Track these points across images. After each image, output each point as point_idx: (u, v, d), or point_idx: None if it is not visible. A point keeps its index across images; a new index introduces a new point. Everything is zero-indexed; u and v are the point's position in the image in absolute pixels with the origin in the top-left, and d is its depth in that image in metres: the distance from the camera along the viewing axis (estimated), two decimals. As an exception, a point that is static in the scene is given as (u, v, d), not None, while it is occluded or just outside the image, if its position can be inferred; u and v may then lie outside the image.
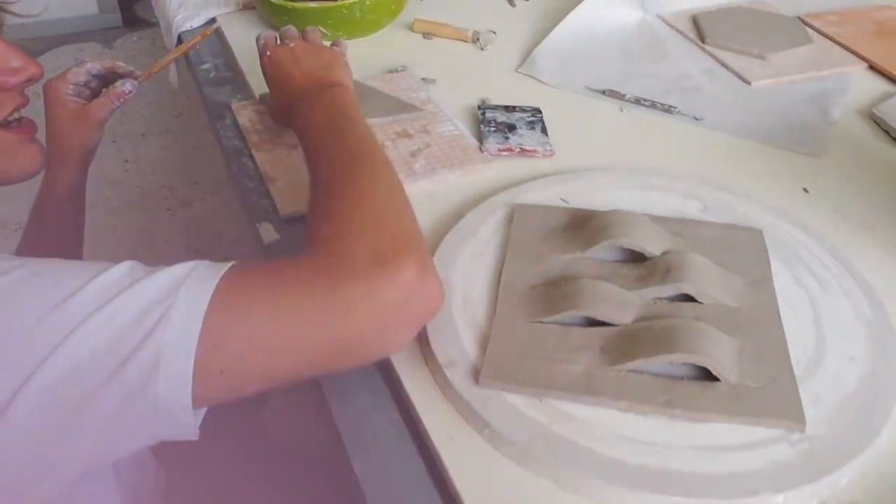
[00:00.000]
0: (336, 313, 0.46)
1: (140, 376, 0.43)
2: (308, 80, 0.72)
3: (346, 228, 0.51)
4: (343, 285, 0.47)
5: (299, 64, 0.74)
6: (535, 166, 0.80)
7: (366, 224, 0.51)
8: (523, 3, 1.16)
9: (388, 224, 0.52)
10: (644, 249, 0.62)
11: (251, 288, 0.47)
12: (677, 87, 0.96)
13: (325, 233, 0.52)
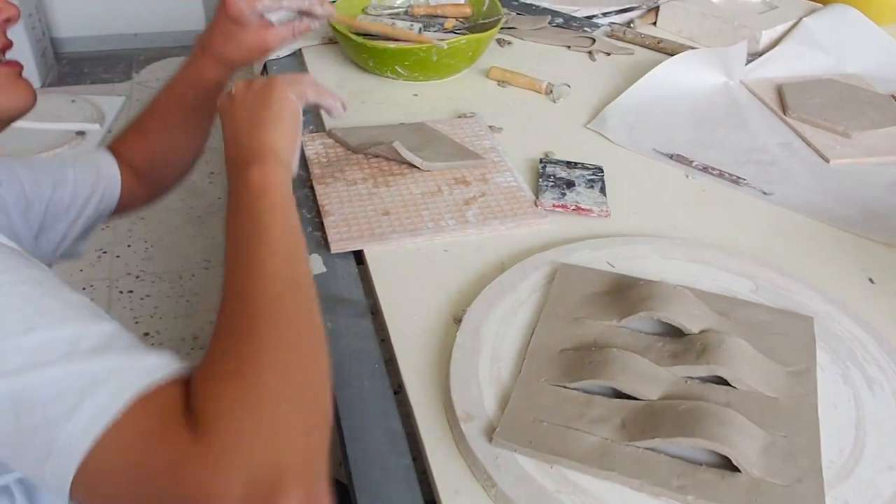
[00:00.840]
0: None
1: (37, 458, 0.42)
2: (235, 144, 0.60)
3: (235, 413, 0.41)
4: (209, 495, 0.39)
5: (234, 119, 0.62)
6: (589, 226, 0.80)
7: (260, 424, 0.41)
8: (604, 58, 1.17)
9: (277, 436, 0.41)
10: (682, 325, 0.62)
11: (136, 441, 0.41)
12: (751, 158, 0.94)
13: (215, 407, 0.41)
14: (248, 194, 0.55)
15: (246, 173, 0.56)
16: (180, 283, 1.92)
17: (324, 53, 1.15)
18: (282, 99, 0.62)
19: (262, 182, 0.55)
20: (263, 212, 0.53)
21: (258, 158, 0.57)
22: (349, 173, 0.86)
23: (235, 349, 0.45)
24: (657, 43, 1.19)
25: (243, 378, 0.43)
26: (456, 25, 1.14)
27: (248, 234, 0.52)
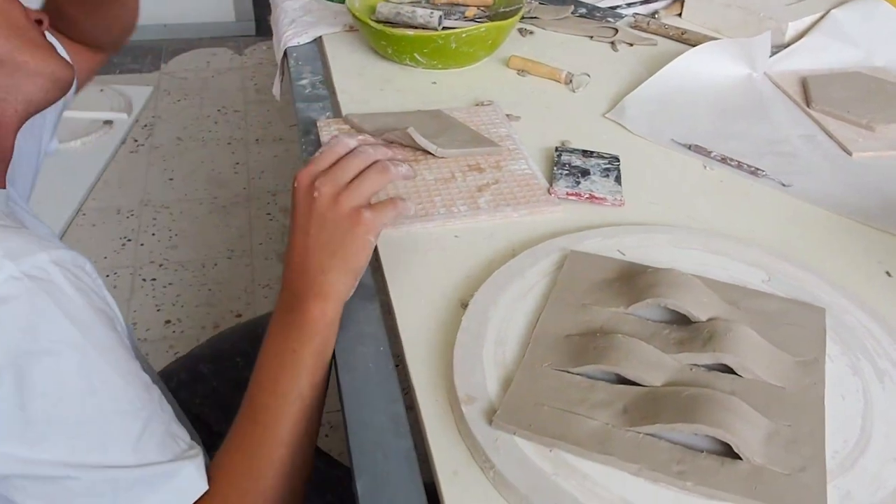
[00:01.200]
0: None
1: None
2: (303, 265, 0.61)
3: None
4: None
5: (308, 236, 0.61)
6: (602, 215, 0.80)
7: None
8: (626, 49, 1.17)
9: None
10: (689, 312, 0.62)
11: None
12: (771, 150, 0.93)
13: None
14: (302, 325, 0.60)
15: (306, 304, 0.60)
16: (203, 272, 1.95)
17: (344, 40, 1.16)
18: (363, 243, 0.60)
19: (320, 319, 0.60)
20: (309, 352, 0.60)
21: (322, 295, 0.60)
22: (364, 159, 0.86)
23: (245, 457, 0.58)
24: (681, 34, 1.18)
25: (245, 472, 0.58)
26: (477, 14, 1.14)
27: (288, 363, 0.60)
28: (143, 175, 2.31)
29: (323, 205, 0.60)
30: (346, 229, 0.60)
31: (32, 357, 0.50)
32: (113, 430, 0.53)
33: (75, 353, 0.52)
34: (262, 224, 2.12)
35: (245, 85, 2.88)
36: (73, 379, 0.51)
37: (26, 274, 0.51)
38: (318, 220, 0.61)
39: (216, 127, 2.60)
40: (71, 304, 0.52)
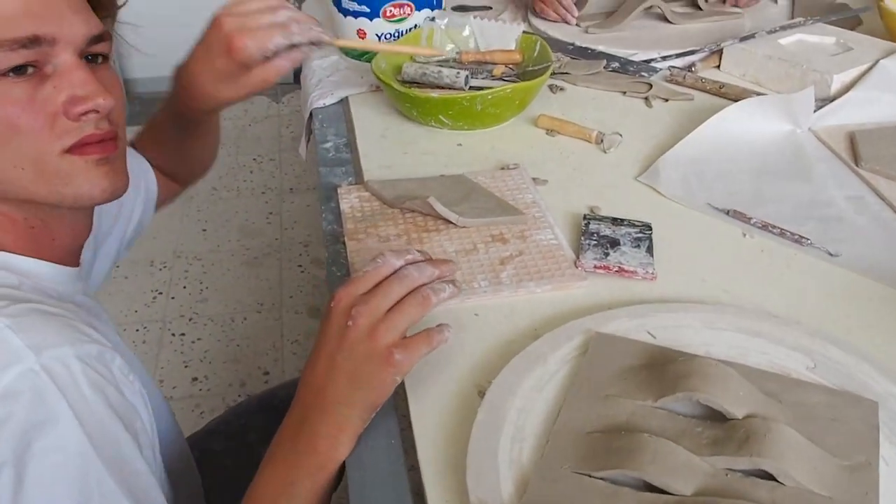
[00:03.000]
0: None
1: None
2: (311, 396, 0.59)
3: None
4: None
5: (334, 364, 0.58)
6: (632, 289, 0.77)
7: None
8: (661, 104, 1.14)
9: None
10: (724, 409, 0.58)
11: None
12: (815, 214, 0.89)
13: None
14: (309, 455, 0.58)
15: (317, 437, 0.57)
16: (231, 327, 1.95)
17: (369, 101, 1.16)
18: (390, 383, 0.58)
19: (330, 454, 0.58)
20: (310, 486, 0.57)
21: (337, 428, 0.58)
22: (383, 228, 0.85)
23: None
24: (719, 88, 1.15)
25: None
26: (505, 72, 1.13)
27: (283, 497, 0.57)
28: (177, 225, 2.34)
29: (356, 337, 0.58)
30: (376, 366, 0.58)
31: (35, 457, 0.50)
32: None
33: (78, 458, 0.51)
34: (293, 276, 2.12)
35: (281, 133, 2.92)
36: (71, 485, 0.50)
37: (44, 368, 0.51)
38: (347, 351, 0.58)
39: (251, 176, 2.63)
40: (84, 405, 0.52)
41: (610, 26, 1.34)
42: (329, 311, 0.60)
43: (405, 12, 1.20)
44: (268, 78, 0.74)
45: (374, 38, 1.22)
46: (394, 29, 1.21)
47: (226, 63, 0.73)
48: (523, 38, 1.16)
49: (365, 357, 0.57)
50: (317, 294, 2.05)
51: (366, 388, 0.57)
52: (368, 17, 1.20)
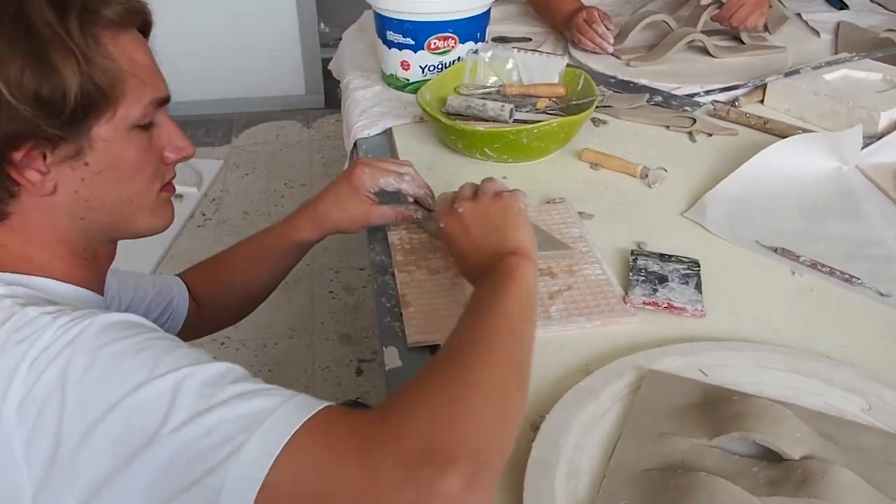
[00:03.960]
0: (372, 492, 0.48)
1: (204, 498, 0.48)
2: (480, 252, 0.72)
3: (421, 406, 0.52)
4: (385, 466, 0.48)
5: (470, 234, 0.74)
6: (681, 326, 0.79)
7: (441, 411, 0.51)
8: (704, 139, 1.16)
9: (462, 421, 0.51)
10: (780, 449, 0.59)
11: (317, 447, 0.49)
12: (865, 253, 0.90)
13: (405, 401, 0.53)
14: (500, 275, 0.66)
15: (502, 262, 0.68)
16: (264, 352, 1.98)
17: (414, 132, 1.19)
18: (518, 210, 0.74)
19: (515, 267, 0.67)
20: (509, 291, 0.64)
21: (513, 252, 0.69)
22: (432, 261, 0.87)
23: (448, 373, 0.55)
24: (763, 123, 1.17)
25: (447, 379, 0.54)
26: (549, 105, 1.16)
27: (488, 302, 0.63)
28: (209, 250, 2.37)
29: (468, 207, 0.75)
30: (502, 207, 0.74)
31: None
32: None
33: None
34: (325, 303, 2.15)
35: (312, 158, 2.97)
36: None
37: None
38: (471, 218, 0.74)
39: (282, 201, 2.67)
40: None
41: (652, 60, 1.37)
42: (444, 232, 0.77)
43: (449, 45, 1.23)
44: (370, 213, 0.89)
45: (418, 70, 1.25)
46: (437, 61, 1.24)
47: (345, 186, 0.89)
48: (567, 72, 1.19)
49: (489, 208, 0.74)
50: (347, 320, 2.07)
51: (503, 220, 0.73)
52: (413, 50, 1.24)
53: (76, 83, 0.57)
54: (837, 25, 1.57)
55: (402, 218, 0.90)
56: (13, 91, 0.55)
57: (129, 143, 0.63)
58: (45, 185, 0.60)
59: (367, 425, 0.51)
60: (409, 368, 0.75)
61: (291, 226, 0.92)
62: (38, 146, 0.59)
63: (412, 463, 0.48)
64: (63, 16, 0.57)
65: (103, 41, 0.60)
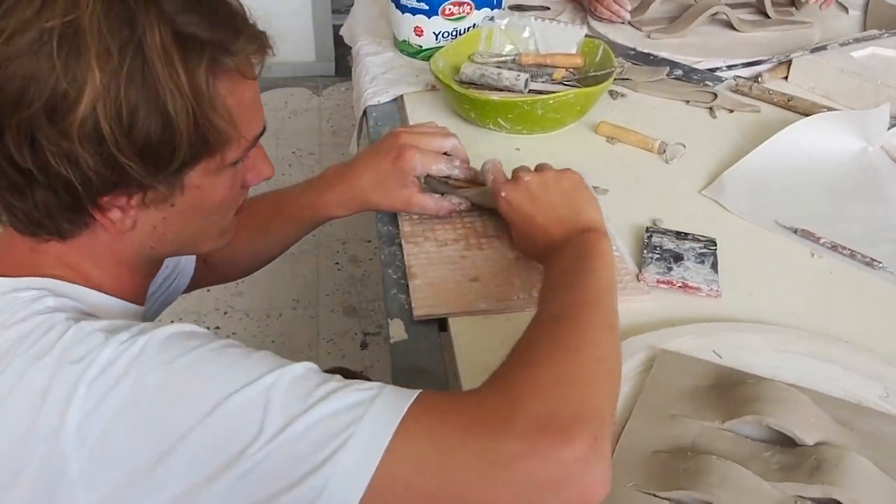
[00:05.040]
0: (495, 466, 0.48)
1: (306, 499, 0.48)
2: (556, 224, 0.73)
3: (533, 378, 0.53)
4: (505, 438, 0.48)
5: (538, 204, 0.76)
6: (696, 306, 0.78)
7: (549, 382, 0.52)
8: (726, 115, 1.14)
9: (572, 388, 0.52)
10: (794, 434, 0.58)
11: (429, 430, 0.49)
12: (888, 237, 0.89)
13: (509, 376, 0.54)
14: (585, 249, 0.68)
15: (581, 236, 0.70)
16: (267, 323, 1.98)
17: (425, 100, 1.18)
18: (585, 185, 0.78)
19: (597, 242, 0.69)
20: (599, 266, 0.66)
21: (590, 227, 0.72)
22: (440, 233, 0.86)
23: (555, 344, 0.56)
24: (787, 100, 1.15)
25: (550, 351, 0.56)
26: (566, 76, 1.14)
27: (576, 274, 0.65)
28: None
29: (534, 177, 0.78)
30: (568, 181, 0.77)
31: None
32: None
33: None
34: (330, 274, 2.15)
35: (322, 127, 2.95)
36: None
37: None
38: (539, 187, 0.76)
39: (290, 170, 2.66)
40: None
41: (673, 32, 1.34)
42: (506, 203, 0.78)
43: (465, 11, 1.21)
44: (411, 201, 0.84)
45: (432, 36, 1.24)
46: (452, 28, 1.23)
47: (390, 168, 0.83)
48: (585, 42, 1.17)
49: (558, 182, 0.77)
50: (353, 292, 2.07)
51: (581, 196, 0.76)
52: (427, 15, 1.22)
53: (187, 138, 0.54)
54: (867, 1, 1.53)
55: (443, 212, 0.85)
56: (119, 142, 0.52)
57: (220, 183, 0.61)
58: (124, 223, 0.58)
59: (476, 403, 0.51)
60: (414, 342, 0.75)
61: (324, 199, 0.87)
62: (129, 192, 0.56)
63: (534, 433, 0.48)
64: (189, 67, 0.53)
65: (222, 93, 0.56)
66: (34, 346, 0.52)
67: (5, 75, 0.51)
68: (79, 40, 0.50)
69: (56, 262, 0.60)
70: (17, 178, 0.54)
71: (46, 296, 0.56)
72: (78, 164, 0.52)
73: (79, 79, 0.50)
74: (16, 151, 0.52)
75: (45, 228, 0.57)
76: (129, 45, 0.51)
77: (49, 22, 0.50)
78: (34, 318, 0.54)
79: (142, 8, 0.52)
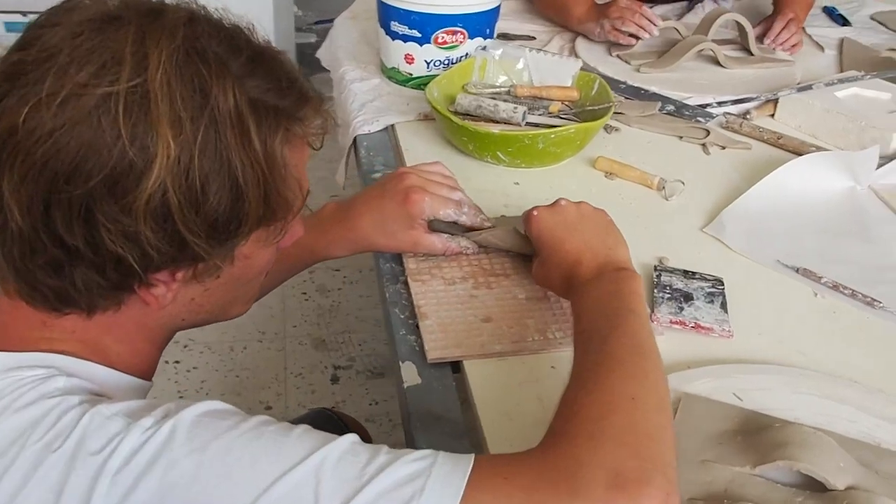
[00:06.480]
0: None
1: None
2: (589, 255, 0.74)
3: (592, 433, 0.53)
4: (573, 499, 0.48)
5: (572, 231, 0.77)
6: (708, 347, 0.80)
7: (615, 435, 0.52)
8: (718, 152, 1.18)
9: (640, 441, 0.52)
10: (825, 479, 0.61)
11: (494, 496, 0.49)
12: (884, 278, 0.93)
13: (571, 431, 0.54)
14: (624, 287, 0.69)
15: (618, 274, 0.71)
16: (231, 356, 1.95)
17: (418, 130, 1.19)
18: (615, 226, 0.80)
19: (634, 284, 0.70)
20: (640, 308, 0.67)
21: (625, 266, 0.73)
22: (447, 271, 0.87)
23: (612, 394, 0.56)
24: (777, 138, 1.20)
25: (606, 402, 0.55)
26: (562, 109, 1.17)
27: (618, 316, 0.65)
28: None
29: (569, 204, 0.81)
30: (603, 218, 0.81)
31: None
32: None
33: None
34: (297, 304, 2.13)
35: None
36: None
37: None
38: (575, 215, 0.80)
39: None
40: None
41: (662, 66, 1.39)
42: (535, 226, 0.80)
43: (458, 39, 1.24)
44: (418, 242, 0.84)
45: (423, 64, 1.26)
46: (444, 56, 1.25)
47: (396, 210, 0.83)
48: (581, 75, 1.20)
49: (593, 216, 0.80)
50: (321, 324, 2.06)
51: (614, 236, 0.78)
52: (419, 42, 1.24)
53: (255, 210, 0.53)
54: (841, 42, 1.61)
55: (450, 252, 0.86)
56: (188, 217, 0.50)
57: (265, 251, 0.60)
58: (166, 297, 0.55)
59: (538, 463, 0.51)
60: (428, 386, 0.75)
61: (323, 239, 0.86)
62: (180, 266, 0.54)
63: (604, 492, 0.48)
64: (263, 135, 0.52)
65: (291, 162, 0.56)
66: (47, 435, 0.49)
67: (59, 144, 0.48)
68: (147, 106, 0.48)
69: (68, 337, 0.56)
70: (58, 254, 0.51)
71: (56, 375, 0.53)
72: (137, 242, 0.50)
73: (148, 149, 0.48)
74: (63, 228, 0.49)
75: (74, 305, 0.55)
76: (203, 112, 0.49)
77: (112, 86, 0.48)
78: (44, 401, 0.51)
79: (214, 72, 0.50)
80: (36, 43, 0.50)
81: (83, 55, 0.49)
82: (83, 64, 0.48)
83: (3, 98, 0.49)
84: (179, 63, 0.50)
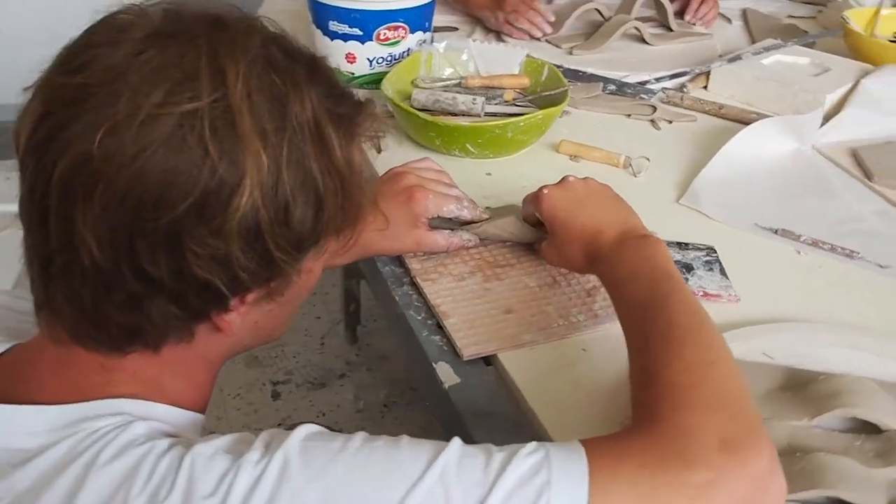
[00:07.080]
0: (693, 498, 0.49)
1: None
2: (610, 225, 0.75)
3: (690, 403, 0.54)
4: (692, 473, 0.50)
5: (583, 207, 0.78)
6: (719, 313, 0.82)
7: (712, 402, 0.54)
8: (667, 126, 1.23)
9: (734, 405, 0.55)
10: (881, 422, 0.65)
11: (616, 476, 0.50)
12: (850, 229, 1.00)
13: (668, 404, 0.55)
14: (658, 254, 0.70)
15: (644, 241, 0.73)
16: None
17: (374, 131, 1.17)
18: (622, 198, 0.82)
19: (663, 248, 0.71)
20: (676, 274, 0.68)
21: (647, 234, 0.75)
22: (452, 267, 0.87)
23: (685, 366, 0.57)
24: (718, 108, 1.26)
25: (689, 370, 0.56)
26: (516, 97, 1.18)
27: (664, 285, 0.66)
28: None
29: (576, 180, 0.82)
30: (607, 188, 0.83)
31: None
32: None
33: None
34: (221, 324, 2.06)
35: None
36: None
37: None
38: (583, 190, 0.81)
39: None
40: None
41: (591, 48, 1.43)
42: (545, 206, 0.80)
43: (400, 35, 1.23)
44: (421, 241, 0.85)
45: (366, 62, 1.24)
46: (387, 53, 1.23)
47: (399, 211, 0.82)
48: (527, 62, 1.22)
49: (601, 190, 0.82)
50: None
51: (626, 205, 0.80)
52: (360, 41, 1.22)
53: (334, 223, 0.52)
54: (744, 12, 1.71)
55: (452, 248, 0.86)
56: (277, 233, 0.48)
57: (320, 263, 0.58)
58: (236, 322, 0.53)
59: (643, 439, 0.52)
60: (468, 384, 0.74)
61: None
62: (255, 288, 0.52)
63: (717, 458, 0.50)
64: (338, 143, 0.51)
65: (360, 168, 0.55)
66: (148, 485, 0.46)
67: (144, 169, 0.45)
68: (232, 121, 0.46)
69: (129, 378, 0.53)
70: (137, 289, 0.48)
71: (133, 421, 0.50)
72: (228, 264, 0.48)
73: (237, 165, 0.46)
74: (147, 258, 0.46)
75: (141, 342, 0.51)
76: (284, 123, 0.48)
77: (193, 103, 0.45)
78: (131, 450, 0.48)
79: (288, 81, 0.49)
80: (93, 64, 0.46)
81: (152, 73, 0.46)
82: (156, 82, 0.46)
83: (69, 125, 0.45)
84: (257, 75, 0.48)
